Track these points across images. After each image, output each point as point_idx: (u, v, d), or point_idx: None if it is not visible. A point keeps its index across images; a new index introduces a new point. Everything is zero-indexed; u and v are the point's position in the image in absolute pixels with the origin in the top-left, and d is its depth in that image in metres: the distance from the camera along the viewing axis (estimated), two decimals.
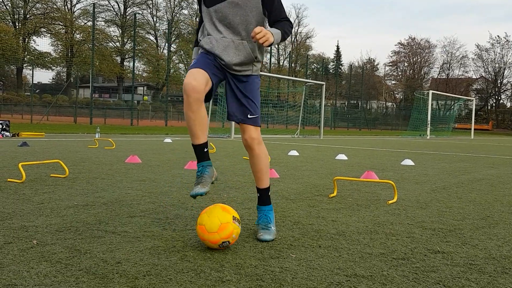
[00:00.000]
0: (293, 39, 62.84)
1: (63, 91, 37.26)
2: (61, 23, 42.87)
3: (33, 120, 24.24)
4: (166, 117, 29.27)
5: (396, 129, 45.81)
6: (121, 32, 49.71)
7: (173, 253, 2.21)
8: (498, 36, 79.93)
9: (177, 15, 54.08)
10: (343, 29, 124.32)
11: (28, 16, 41.89)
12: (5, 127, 12.07)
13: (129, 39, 48.95)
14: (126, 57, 50.15)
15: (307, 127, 29.56)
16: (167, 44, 37.88)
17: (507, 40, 62.56)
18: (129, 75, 47.77)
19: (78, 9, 47.49)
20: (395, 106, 62.54)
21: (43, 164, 5.61)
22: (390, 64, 68.66)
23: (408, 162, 7.63)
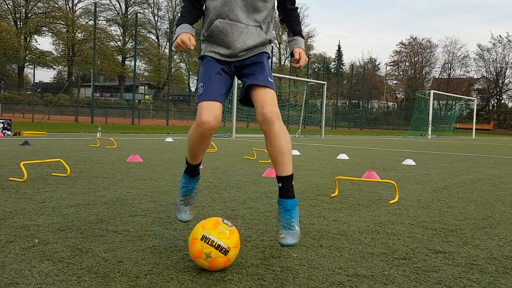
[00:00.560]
0: None
1: (64, 90, 37.35)
2: (63, 22, 42.92)
3: (35, 119, 24.27)
4: (167, 117, 29.30)
5: (397, 129, 45.77)
6: (122, 31, 49.76)
7: (175, 252, 2.21)
8: (500, 36, 79.87)
9: (179, 14, 54.07)
10: (345, 28, 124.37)
11: (29, 15, 41.93)
12: (6, 126, 12.08)
13: (130, 38, 48.97)
14: (127, 56, 50.21)
15: (308, 127, 29.55)
16: (168, 43, 37.89)
17: (509, 40, 62.47)
18: (130, 74, 47.72)
19: (79, 8, 47.60)
20: (396, 106, 62.55)
21: (44, 163, 5.61)
22: (391, 63, 68.65)
23: (409, 162, 7.63)
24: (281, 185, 2.18)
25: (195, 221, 2.66)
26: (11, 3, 40.75)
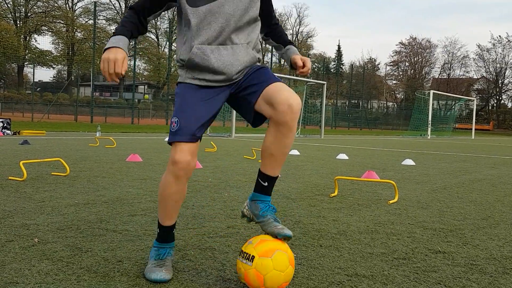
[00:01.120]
0: (294, 38, 62.80)
1: (64, 90, 37.31)
2: (62, 22, 42.92)
3: (34, 118, 24.24)
4: (167, 116, 29.30)
5: (397, 129, 45.79)
6: None
7: (174, 252, 2.21)
8: (499, 36, 79.79)
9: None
10: (344, 28, 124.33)
11: (29, 14, 41.94)
12: (6, 125, 12.08)
13: None
14: None
15: (308, 127, 29.55)
16: (168, 42, 37.89)
17: (509, 40, 62.47)
18: (130, 73, 47.69)
19: (79, 8, 47.61)
20: (396, 106, 62.53)
21: (44, 162, 5.61)
22: (391, 63, 68.68)
23: (409, 162, 7.63)
24: (267, 184, 2.04)
25: (195, 221, 2.64)
26: (11, 2, 40.75)
